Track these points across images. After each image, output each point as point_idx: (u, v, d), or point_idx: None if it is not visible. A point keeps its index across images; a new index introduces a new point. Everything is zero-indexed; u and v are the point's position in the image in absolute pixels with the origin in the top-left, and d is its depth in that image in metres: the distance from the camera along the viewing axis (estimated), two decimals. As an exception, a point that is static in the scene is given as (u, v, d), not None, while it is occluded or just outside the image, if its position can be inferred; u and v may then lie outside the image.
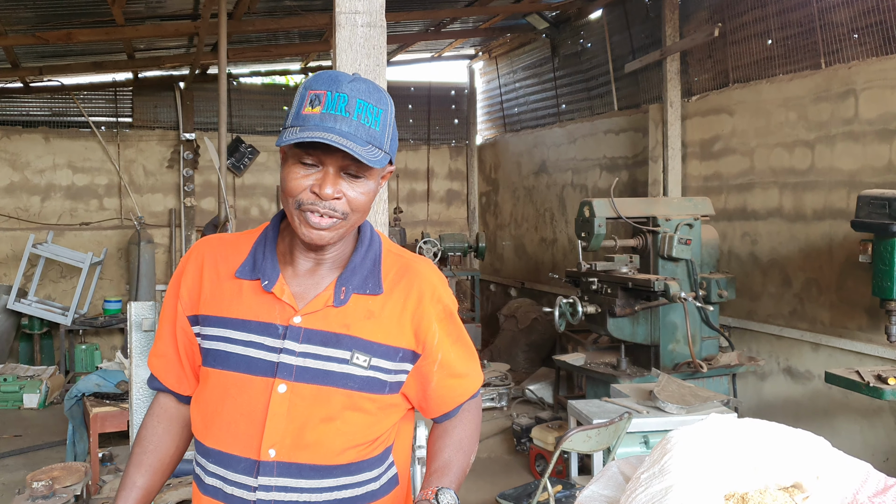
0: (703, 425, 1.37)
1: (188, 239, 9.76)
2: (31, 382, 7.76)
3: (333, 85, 1.44)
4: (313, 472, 1.48)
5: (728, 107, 6.50)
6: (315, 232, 1.45)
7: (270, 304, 1.51)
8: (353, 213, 1.48)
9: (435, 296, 1.58)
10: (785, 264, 5.92)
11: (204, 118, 9.96)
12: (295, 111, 1.46)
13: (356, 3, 2.15)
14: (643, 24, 7.59)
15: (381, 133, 1.46)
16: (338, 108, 1.42)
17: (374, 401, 1.52)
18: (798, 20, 5.81)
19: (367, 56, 2.19)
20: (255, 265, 1.55)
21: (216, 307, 1.55)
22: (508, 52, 10.38)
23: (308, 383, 1.48)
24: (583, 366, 5.87)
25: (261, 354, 1.49)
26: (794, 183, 5.81)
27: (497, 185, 10.93)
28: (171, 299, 1.63)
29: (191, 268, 1.61)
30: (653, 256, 5.80)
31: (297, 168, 1.45)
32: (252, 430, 1.48)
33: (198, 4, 7.02)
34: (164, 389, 1.68)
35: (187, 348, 1.62)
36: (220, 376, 1.53)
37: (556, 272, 7.15)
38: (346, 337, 1.50)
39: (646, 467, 1.33)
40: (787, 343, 5.90)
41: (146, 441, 1.66)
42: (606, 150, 8.25)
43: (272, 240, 1.58)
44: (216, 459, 1.52)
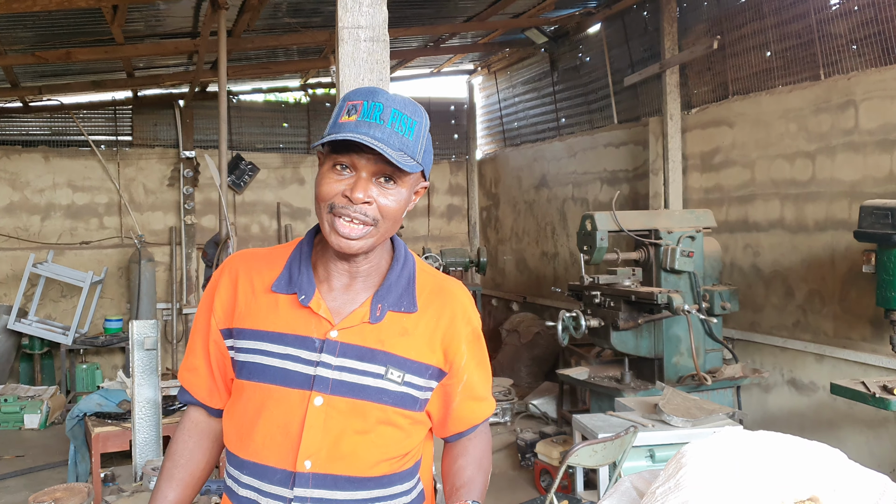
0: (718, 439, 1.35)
1: (189, 257, 9.76)
2: (32, 403, 7.72)
3: (371, 95, 1.49)
4: (348, 484, 1.49)
5: (728, 119, 6.51)
6: (344, 241, 1.47)
7: (307, 318, 1.53)
8: (383, 221, 1.49)
9: (466, 317, 1.62)
10: (787, 276, 5.90)
11: (204, 136, 9.98)
12: (333, 121, 1.50)
13: (359, 18, 2.15)
14: (642, 37, 7.61)
15: (415, 143, 1.49)
16: (373, 116, 1.45)
17: (406, 416, 1.55)
18: (797, 32, 5.83)
19: (370, 71, 2.18)
20: (290, 279, 1.56)
21: (252, 321, 1.56)
22: (507, 66, 10.41)
23: (344, 396, 1.49)
24: (587, 380, 5.84)
25: (298, 367, 1.50)
26: (795, 194, 5.81)
27: (498, 200, 10.93)
28: (205, 313, 1.64)
29: (225, 282, 1.62)
30: (655, 269, 5.79)
31: (331, 173, 1.48)
32: (288, 441, 1.49)
33: (197, 22, 7.04)
34: (196, 403, 1.68)
35: (219, 362, 1.63)
36: (256, 389, 1.53)
37: (559, 286, 7.13)
38: (381, 353, 1.52)
39: (661, 482, 1.31)
40: (790, 354, 5.87)
41: (177, 455, 1.67)
42: (607, 164, 8.25)
43: (307, 255, 1.60)
44: (251, 471, 1.52)
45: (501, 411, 7.10)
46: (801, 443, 1.37)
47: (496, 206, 10.99)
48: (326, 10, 7.12)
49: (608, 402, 5.35)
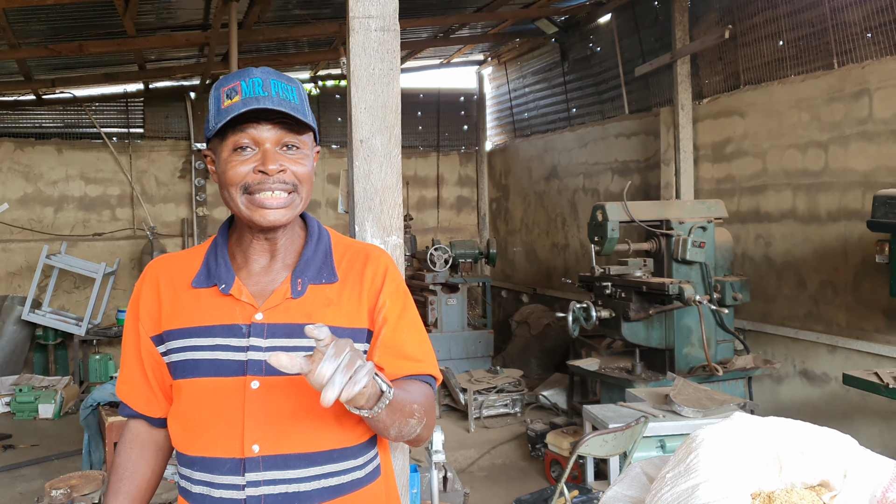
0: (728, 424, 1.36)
1: (200, 248, 9.79)
2: (46, 393, 7.79)
3: (244, 74, 1.50)
4: (299, 461, 1.49)
5: (739, 109, 6.47)
6: (272, 212, 1.49)
7: (231, 306, 1.53)
8: (301, 186, 1.52)
9: (387, 275, 1.60)
10: (799, 266, 5.88)
11: (215, 128, 10.01)
12: (214, 111, 1.50)
13: (370, 7, 2.15)
14: (653, 27, 7.57)
15: (302, 105, 1.51)
16: (255, 91, 1.46)
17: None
18: (810, 20, 5.78)
19: (381, 60, 2.18)
20: (209, 273, 1.57)
21: (178, 320, 1.56)
22: (518, 57, 10.38)
23: (280, 376, 1.48)
24: (597, 371, 5.84)
25: (229, 356, 1.51)
26: (807, 184, 5.78)
27: (507, 191, 10.92)
28: (132, 324, 1.64)
29: (146, 290, 1.63)
30: (666, 260, 5.78)
31: (234, 156, 1.49)
32: (232, 430, 1.49)
33: (208, 15, 7.05)
34: (136, 415, 1.69)
35: (155, 370, 1.63)
36: (192, 385, 1.54)
37: (569, 277, 7.12)
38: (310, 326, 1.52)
39: (671, 466, 1.32)
40: (802, 345, 5.85)
41: (121, 468, 1.67)
42: (618, 154, 8.23)
43: (223, 245, 1.61)
44: (201, 466, 1.53)
45: (511, 402, 7.12)
46: (812, 428, 1.37)
47: (506, 198, 10.97)
48: (336, 2, 7.12)
49: (619, 393, 5.35)
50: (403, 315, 1.59)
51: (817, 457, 1.29)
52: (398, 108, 2.25)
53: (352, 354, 1.25)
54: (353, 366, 1.24)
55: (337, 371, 1.22)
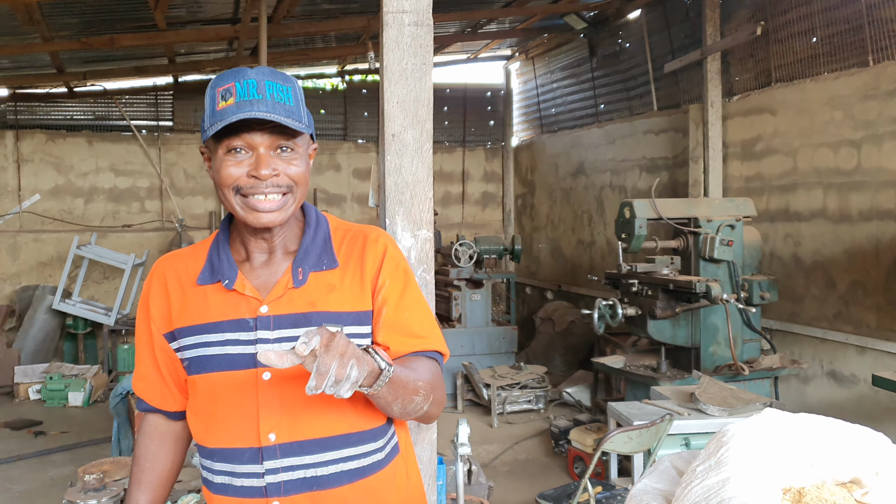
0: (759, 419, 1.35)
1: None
2: (76, 381, 7.92)
3: (239, 75, 1.50)
4: (315, 447, 1.53)
5: (770, 106, 6.41)
6: (266, 215, 1.50)
7: (236, 301, 1.56)
8: (296, 187, 1.53)
9: (387, 255, 1.61)
10: (829, 266, 5.81)
11: (243, 121, 10.08)
12: (209, 111, 1.50)
13: (404, 2, 2.16)
14: (683, 23, 7.52)
15: (297, 107, 1.51)
16: (249, 94, 1.46)
17: None
18: (845, 17, 5.71)
19: (414, 55, 2.20)
20: (213, 269, 1.60)
21: (188, 317, 1.60)
22: (545, 52, 10.35)
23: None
24: (622, 368, 5.83)
25: (238, 350, 1.54)
26: (839, 183, 5.71)
27: (533, 187, 10.89)
28: (144, 322, 1.68)
29: (155, 288, 1.66)
30: (694, 258, 5.74)
31: (227, 158, 1.50)
32: (248, 421, 1.53)
33: (238, 9, 7.11)
34: (153, 409, 1.73)
35: (168, 366, 1.67)
36: (206, 380, 1.58)
37: (595, 274, 7.10)
38: (314, 314, 1.54)
39: (701, 460, 1.32)
40: (831, 346, 5.79)
41: (142, 459, 1.73)
42: (646, 151, 8.18)
43: (224, 242, 1.63)
44: (221, 457, 1.57)
45: (535, 398, 7.11)
46: (844, 425, 1.36)
47: (532, 194, 10.95)
48: (365, -4, 7.15)
49: (643, 391, 5.33)
50: (405, 293, 1.61)
51: (849, 454, 1.29)
52: (430, 103, 2.27)
53: (342, 348, 1.24)
54: (345, 365, 1.24)
55: (331, 371, 1.23)
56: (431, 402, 1.52)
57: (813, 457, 1.29)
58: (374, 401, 1.43)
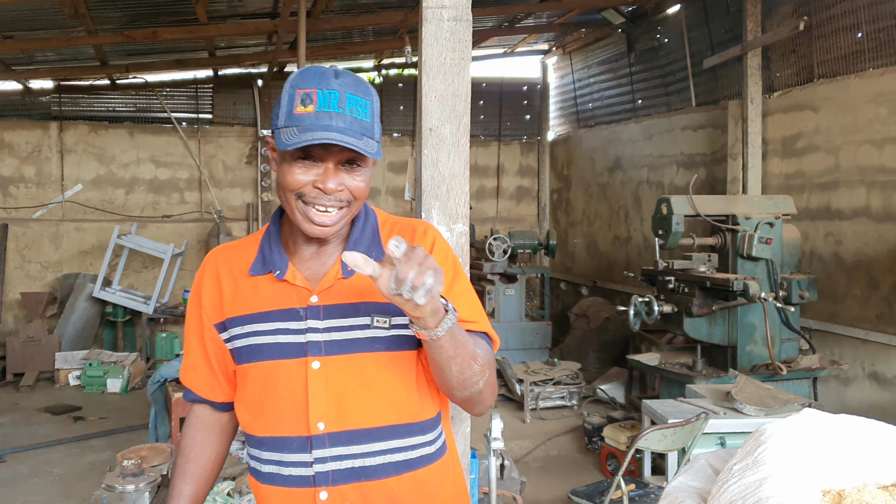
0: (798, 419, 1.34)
1: (264, 232, 9.98)
2: (115, 368, 8.08)
3: (322, 82, 1.48)
4: (362, 437, 1.54)
5: (812, 103, 6.29)
6: (318, 228, 1.52)
7: (287, 291, 1.58)
8: (355, 201, 1.54)
9: (436, 247, 1.62)
10: (871, 266, 5.70)
11: (281, 114, 10.17)
12: (286, 111, 1.50)
13: (443, -4, 2.17)
14: (723, 18, 7.41)
15: (372, 124, 1.51)
16: (330, 105, 1.46)
17: (404, 358, 1.57)
18: (891, 12, 5.58)
19: (453, 50, 2.20)
20: (264, 260, 1.62)
21: (239, 307, 1.62)
22: (583, 47, 10.27)
23: (338, 354, 1.54)
24: (657, 366, 5.78)
25: (289, 339, 1.56)
26: (883, 181, 5.59)
27: (569, 182, 10.83)
28: (195, 312, 1.70)
29: (208, 279, 1.68)
30: (732, 255, 5.67)
31: (296, 165, 1.50)
32: (297, 409, 1.54)
33: (277, 3, 7.17)
34: (200, 400, 1.75)
35: (218, 357, 1.69)
36: (256, 369, 1.59)
37: (631, 271, 7.05)
38: (363, 304, 1.55)
39: (738, 458, 1.31)
40: (873, 347, 5.68)
41: (187, 450, 1.75)
42: (684, 147, 8.09)
43: (276, 234, 1.65)
44: (269, 446, 1.59)
45: (569, 394, 7.09)
46: (887, 427, 1.34)
47: (567, 189, 10.89)
48: (403, -10, 7.16)
49: (679, 389, 5.28)
50: (454, 283, 1.61)
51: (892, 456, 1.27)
52: (468, 98, 2.27)
53: (420, 258, 1.27)
54: (423, 273, 1.26)
55: (409, 277, 1.25)
56: (486, 380, 1.52)
57: (854, 458, 1.27)
58: (436, 353, 1.41)
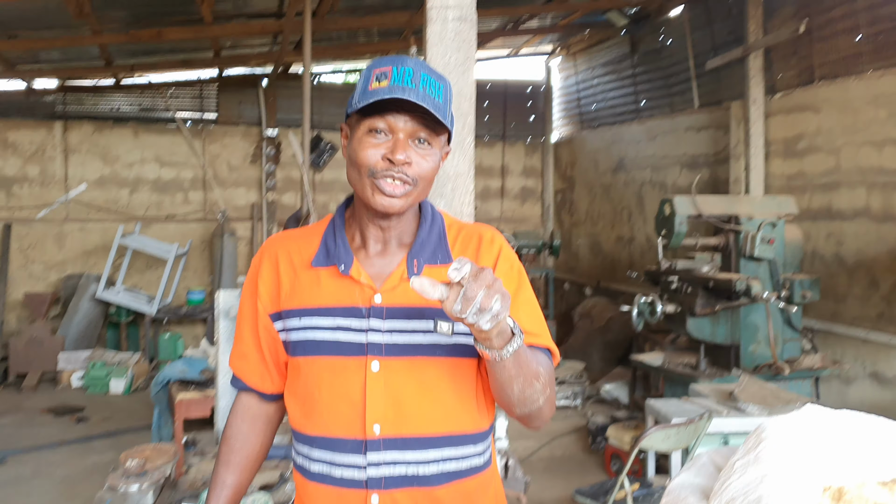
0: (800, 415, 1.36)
1: (269, 232, 10.01)
2: (118, 369, 8.09)
3: (398, 62, 1.50)
4: (418, 444, 1.52)
5: (813, 104, 6.31)
6: (388, 199, 1.49)
7: (350, 287, 1.55)
8: (420, 181, 1.52)
9: (502, 255, 1.61)
10: (872, 266, 5.71)
11: (286, 115, 10.21)
12: (361, 90, 1.51)
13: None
14: (725, 20, 7.43)
15: (445, 106, 1.51)
16: (404, 81, 1.46)
17: (464, 366, 1.55)
18: (890, 14, 5.59)
19: (457, 50, 2.23)
20: (328, 253, 1.59)
21: (298, 299, 1.58)
22: (587, 48, 10.29)
23: (399, 357, 1.51)
24: (661, 366, 5.80)
25: (349, 337, 1.53)
26: (883, 182, 5.61)
27: (573, 183, 10.85)
28: (250, 299, 1.66)
29: (266, 267, 1.65)
30: (734, 256, 5.69)
31: (367, 138, 1.50)
32: (353, 410, 1.52)
33: (283, 3, 7.20)
34: (248, 389, 1.72)
35: (270, 346, 1.66)
36: (312, 363, 1.56)
37: (634, 271, 7.06)
38: (427, 308, 1.52)
39: (740, 455, 1.33)
40: (873, 347, 5.70)
41: (232, 440, 1.71)
42: (686, 148, 8.10)
43: (341, 227, 1.63)
44: (321, 445, 1.56)
45: (573, 394, 7.11)
46: (888, 423, 1.36)
47: (571, 189, 10.91)
48: (407, -9, 7.18)
49: (682, 389, 5.30)
50: (518, 293, 1.59)
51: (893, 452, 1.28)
52: (472, 98, 2.29)
53: (489, 281, 1.25)
54: (491, 297, 1.25)
55: (477, 299, 1.24)
56: (547, 397, 1.50)
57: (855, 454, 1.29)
58: (498, 373, 1.40)
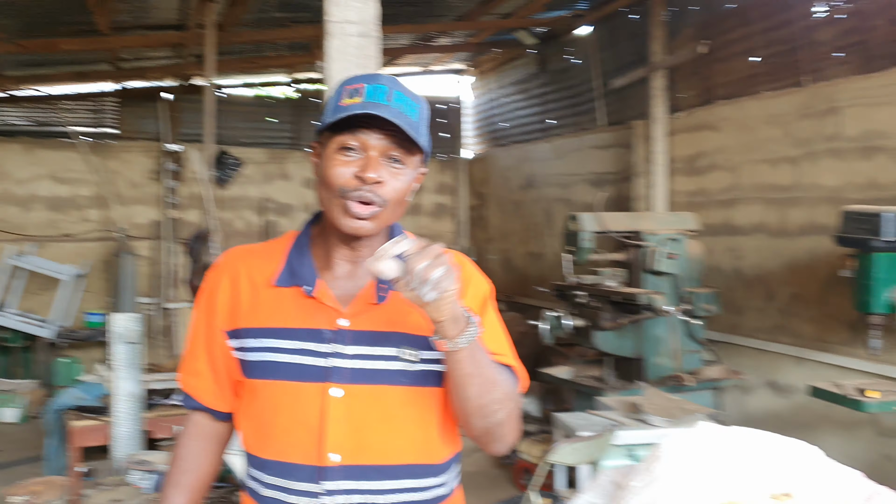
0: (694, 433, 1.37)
1: (172, 251, 9.69)
2: (11, 397, 7.66)
3: (373, 79, 1.47)
4: (377, 474, 1.48)
5: (713, 123, 6.55)
6: (357, 222, 1.46)
7: (314, 309, 1.50)
8: (391, 201, 1.48)
9: (472, 282, 1.60)
10: (769, 279, 5.96)
11: (189, 129, 9.90)
12: (332, 106, 1.47)
13: (348, 12, 2.16)
14: (630, 40, 7.65)
15: (419, 125, 1.48)
16: (377, 98, 1.43)
17: (429, 394, 1.52)
18: (782, 38, 5.88)
19: (359, 66, 2.19)
20: (292, 272, 1.54)
21: (258, 318, 1.53)
22: (497, 67, 10.43)
23: (363, 384, 1.47)
24: (569, 379, 5.87)
25: (311, 361, 1.48)
26: (778, 199, 5.86)
27: (486, 200, 10.96)
28: (205, 315, 1.61)
29: (225, 282, 1.59)
30: (639, 270, 5.82)
31: (338, 155, 1.46)
32: (311, 436, 1.47)
33: (185, 15, 7.01)
34: (201, 408, 1.66)
35: (225, 365, 1.60)
36: (270, 387, 1.51)
37: (544, 286, 7.15)
38: (394, 333, 1.49)
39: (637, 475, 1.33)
40: (770, 357, 5.93)
41: (184, 460, 1.66)
42: (593, 166, 8.29)
43: (306, 246, 1.58)
44: (275, 471, 1.51)
45: (484, 410, 7.11)
46: (778, 439, 1.39)
47: (484, 206, 11.01)
48: (315, 5, 7.04)
49: (590, 402, 5.37)
50: (483, 317, 1.58)
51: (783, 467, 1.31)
52: (375, 115, 2.25)
53: (435, 253, 1.29)
54: (433, 267, 1.29)
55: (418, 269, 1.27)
56: (508, 414, 1.49)
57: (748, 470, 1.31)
58: (456, 370, 1.39)
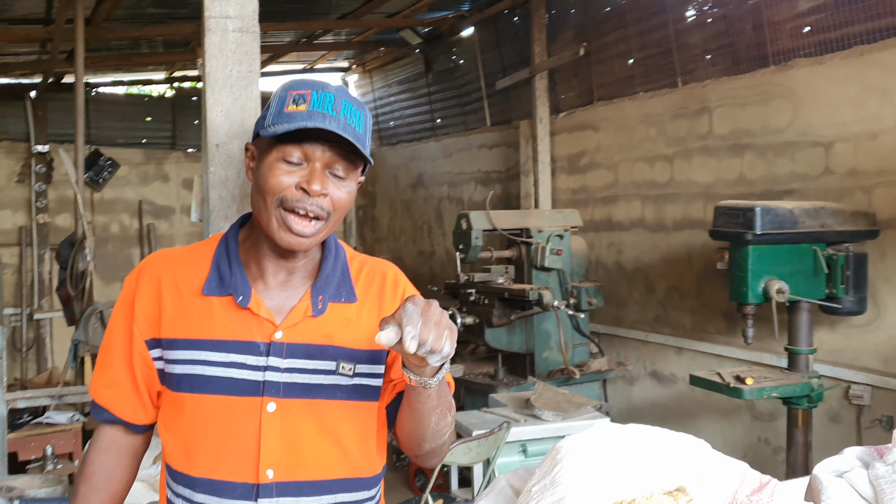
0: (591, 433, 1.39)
1: (41, 258, 9.13)
2: None
3: (318, 86, 1.42)
4: (313, 489, 1.43)
5: (593, 123, 6.75)
6: (296, 238, 1.40)
7: (247, 320, 1.43)
8: (334, 214, 1.44)
9: (403, 296, 1.57)
10: (648, 272, 6.19)
11: (59, 129, 9.35)
12: (276, 111, 1.41)
13: (227, 7, 2.07)
14: (513, 42, 7.77)
15: (364, 136, 1.44)
16: (324, 107, 1.38)
17: (364, 409, 1.50)
18: (656, 41, 6.11)
19: (240, 62, 2.11)
20: (221, 280, 1.46)
21: (185, 329, 1.45)
22: (383, 65, 10.38)
23: (297, 398, 1.43)
24: (461, 377, 5.90)
25: (244, 374, 1.42)
26: (655, 195, 6.10)
27: (374, 199, 10.89)
28: (124, 323, 1.50)
29: (145, 288, 1.49)
30: (527, 267, 5.92)
31: (280, 165, 1.40)
32: (245, 453, 1.41)
33: (51, 9, 6.60)
34: (117, 421, 1.55)
35: (144, 375, 1.51)
36: (199, 401, 1.43)
37: (435, 284, 7.17)
38: (330, 347, 1.45)
39: (536, 479, 1.33)
40: (652, 348, 6.16)
41: (95, 477, 1.53)
42: (481, 165, 8.38)
43: (235, 252, 1.50)
44: (206, 489, 1.42)
45: (377, 412, 7.06)
46: (669, 435, 1.42)
47: (373, 205, 10.95)
48: (193, 2, 6.85)
49: (483, 399, 5.41)
50: None
51: (674, 462, 1.34)
52: (258, 113, 2.18)
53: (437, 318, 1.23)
54: (441, 337, 1.23)
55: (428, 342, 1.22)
56: (452, 430, 1.51)
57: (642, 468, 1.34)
58: (421, 403, 1.39)
